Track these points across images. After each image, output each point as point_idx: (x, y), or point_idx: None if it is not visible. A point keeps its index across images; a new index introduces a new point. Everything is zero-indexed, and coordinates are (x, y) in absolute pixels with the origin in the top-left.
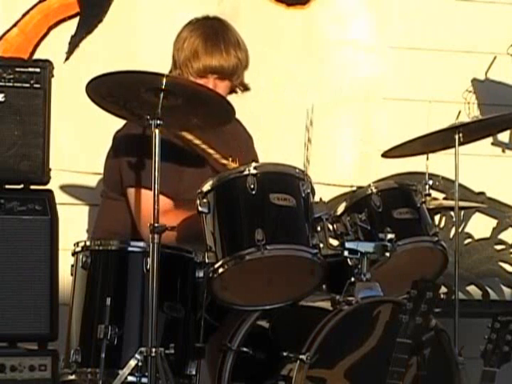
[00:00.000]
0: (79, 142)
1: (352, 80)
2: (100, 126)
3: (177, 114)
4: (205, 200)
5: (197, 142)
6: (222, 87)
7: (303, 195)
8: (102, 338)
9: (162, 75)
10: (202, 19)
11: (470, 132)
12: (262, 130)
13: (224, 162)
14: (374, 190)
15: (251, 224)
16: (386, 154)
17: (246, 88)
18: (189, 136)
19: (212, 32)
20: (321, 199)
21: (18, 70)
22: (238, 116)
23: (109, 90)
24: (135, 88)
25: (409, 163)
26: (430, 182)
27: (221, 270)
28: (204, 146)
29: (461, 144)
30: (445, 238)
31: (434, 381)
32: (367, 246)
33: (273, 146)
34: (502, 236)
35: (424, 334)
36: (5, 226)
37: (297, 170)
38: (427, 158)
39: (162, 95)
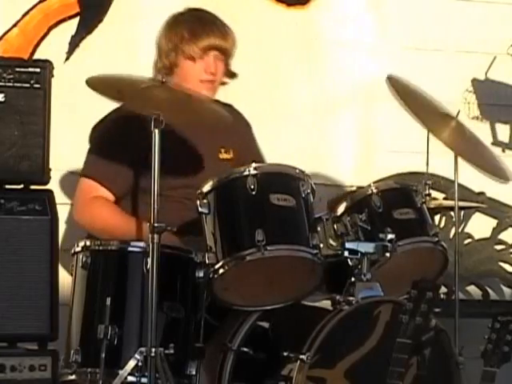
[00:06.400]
0: (79, 142)
1: (352, 80)
2: None
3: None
4: (205, 200)
5: None
6: (220, 68)
7: (303, 195)
8: (102, 338)
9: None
10: (187, 10)
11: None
12: (261, 129)
13: None
14: (375, 191)
15: (251, 224)
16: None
17: (232, 75)
18: None
19: (205, 15)
20: (321, 199)
21: (18, 69)
22: None
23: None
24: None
25: (409, 163)
26: (430, 182)
27: (221, 271)
28: None
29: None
30: (445, 238)
31: (434, 381)
32: (367, 247)
33: (273, 146)
34: (502, 236)
35: (424, 334)
36: (5, 226)
37: (297, 171)
38: (427, 161)
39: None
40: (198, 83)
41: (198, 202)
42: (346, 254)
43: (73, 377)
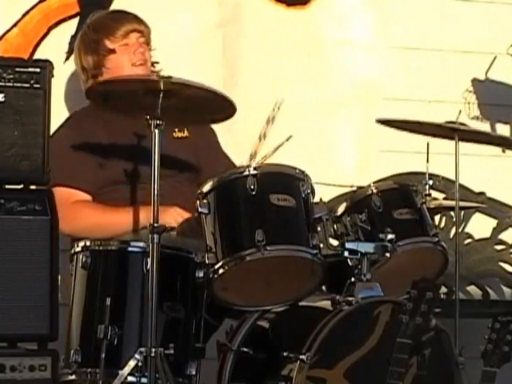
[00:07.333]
0: None
1: (352, 80)
2: None
3: (174, 113)
4: (205, 201)
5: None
6: (145, 48)
7: (303, 195)
8: (102, 338)
9: (162, 78)
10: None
11: (467, 134)
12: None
13: None
14: (375, 191)
15: (251, 224)
16: (381, 121)
17: (155, 62)
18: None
19: (111, 12)
20: (321, 199)
21: (18, 70)
22: (237, 116)
23: (106, 96)
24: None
25: (409, 163)
26: (430, 182)
27: (221, 271)
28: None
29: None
30: (445, 238)
31: (434, 381)
32: (367, 247)
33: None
34: (502, 236)
35: (424, 334)
36: (5, 226)
37: (297, 171)
38: (427, 160)
39: (161, 96)
40: (131, 68)
41: (198, 202)
42: (346, 254)
43: (73, 377)
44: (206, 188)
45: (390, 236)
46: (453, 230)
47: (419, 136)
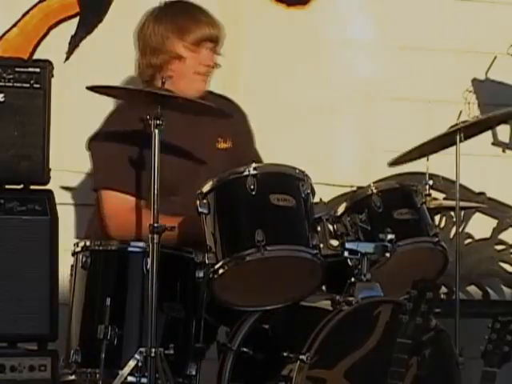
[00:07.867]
0: (79, 142)
1: (352, 80)
2: None
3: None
4: (205, 201)
5: None
6: (215, 58)
7: (303, 196)
8: (101, 338)
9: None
10: (167, 3)
11: (469, 130)
12: (261, 130)
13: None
14: (375, 191)
15: (251, 225)
16: (393, 164)
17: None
18: None
19: (188, 7)
20: (321, 199)
21: (17, 69)
22: None
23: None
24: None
25: (409, 163)
26: (431, 182)
27: (221, 271)
28: None
29: (462, 141)
30: (445, 239)
31: (434, 381)
32: (367, 247)
33: (272, 146)
34: (502, 236)
35: (424, 334)
36: (5, 226)
37: (297, 171)
38: (427, 159)
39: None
40: (193, 75)
41: (198, 202)
42: (346, 254)
43: (73, 377)
44: (206, 188)
45: (389, 236)
46: (453, 230)
47: (419, 136)
